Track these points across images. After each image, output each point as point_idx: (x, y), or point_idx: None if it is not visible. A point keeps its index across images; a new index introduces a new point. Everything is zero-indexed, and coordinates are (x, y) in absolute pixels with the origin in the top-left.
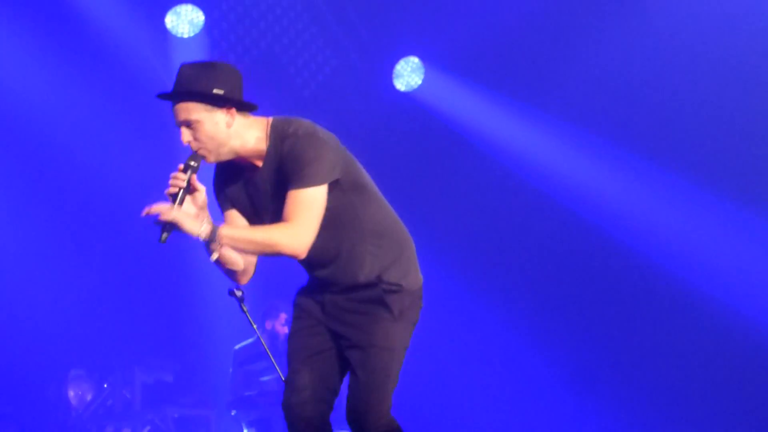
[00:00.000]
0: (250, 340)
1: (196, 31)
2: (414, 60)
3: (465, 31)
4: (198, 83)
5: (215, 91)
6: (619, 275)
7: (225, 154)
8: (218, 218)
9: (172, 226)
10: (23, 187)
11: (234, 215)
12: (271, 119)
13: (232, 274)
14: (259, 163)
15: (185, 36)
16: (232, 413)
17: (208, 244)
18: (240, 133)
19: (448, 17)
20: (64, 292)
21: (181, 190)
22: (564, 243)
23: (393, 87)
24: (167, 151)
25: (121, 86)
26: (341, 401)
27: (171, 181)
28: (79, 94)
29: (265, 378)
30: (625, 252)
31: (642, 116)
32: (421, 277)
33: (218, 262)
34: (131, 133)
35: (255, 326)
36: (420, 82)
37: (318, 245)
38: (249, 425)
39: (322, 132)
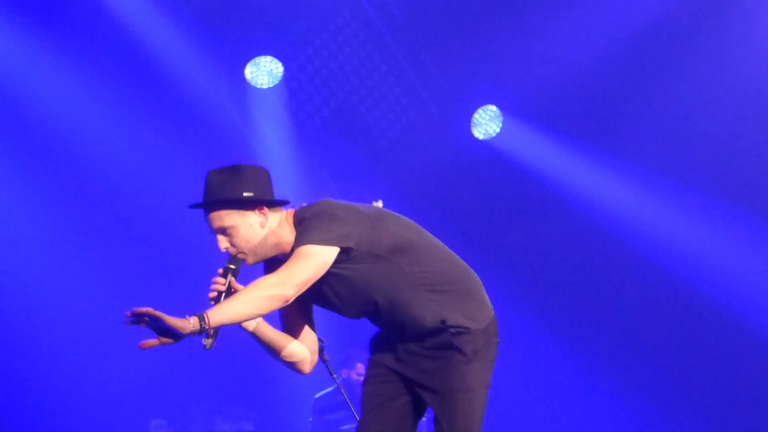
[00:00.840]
0: (329, 389)
1: (276, 82)
2: (492, 108)
3: (542, 78)
4: (227, 189)
5: (245, 194)
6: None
7: (264, 254)
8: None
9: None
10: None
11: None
12: (295, 210)
13: (291, 365)
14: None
15: (264, 87)
16: None
17: (201, 332)
18: (275, 231)
19: (525, 65)
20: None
21: (222, 294)
22: (639, 287)
23: (471, 135)
24: None
25: (201, 137)
26: None
27: (212, 286)
28: (161, 144)
29: (345, 427)
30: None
31: (716, 161)
32: (491, 311)
33: (270, 351)
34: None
35: (335, 375)
36: (498, 130)
37: (373, 310)
38: None
39: (338, 208)
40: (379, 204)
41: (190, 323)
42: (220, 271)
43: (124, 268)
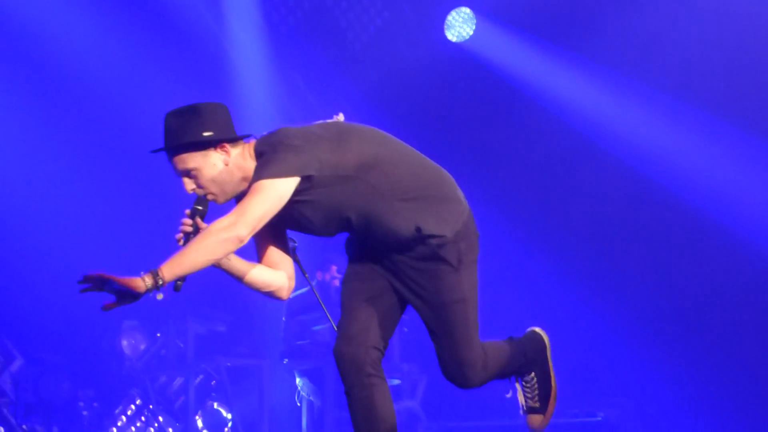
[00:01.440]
0: (303, 290)
1: None
2: (465, 10)
3: None
4: (186, 132)
5: (205, 134)
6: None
7: (232, 191)
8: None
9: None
10: (78, 144)
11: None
12: (256, 141)
13: (269, 294)
14: None
15: None
16: (285, 362)
17: (158, 288)
18: (239, 165)
19: None
20: (116, 242)
21: (189, 236)
22: (609, 188)
23: (444, 38)
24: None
25: (175, 41)
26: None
27: (180, 228)
28: (135, 49)
29: (318, 327)
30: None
31: (692, 64)
32: (467, 207)
33: (245, 283)
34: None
35: (307, 276)
36: (471, 32)
37: (348, 228)
38: (301, 374)
39: (295, 137)
40: (340, 117)
41: (145, 282)
42: (188, 212)
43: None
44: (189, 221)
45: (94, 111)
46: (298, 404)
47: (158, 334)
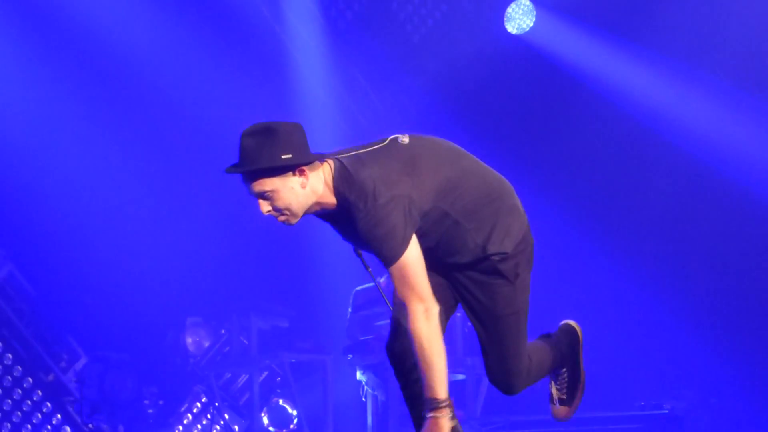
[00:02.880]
0: (369, 284)
1: None
2: (525, 2)
3: None
4: (264, 155)
5: (283, 157)
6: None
7: (305, 211)
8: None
9: None
10: (141, 142)
11: None
12: (333, 164)
13: None
14: (331, 209)
15: None
16: (349, 358)
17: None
18: (315, 189)
19: None
20: (182, 241)
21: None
22: (672, 178)
23: (504, 30)
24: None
25: (234, 38)
26: None
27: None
28: (194, 48)
29: (381, 323)
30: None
31: (752, 52)
32: (525, 217)
33: None
34: (246, 89)
35: (370, 270)
36: (531, 24)
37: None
38: (364, 370)
39: (384, 187)
40: (405, 140)
41: (445, 416)
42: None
43: (162, 173)
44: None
45: (159, 112)
46: (363, 400)
47: (222, 331)
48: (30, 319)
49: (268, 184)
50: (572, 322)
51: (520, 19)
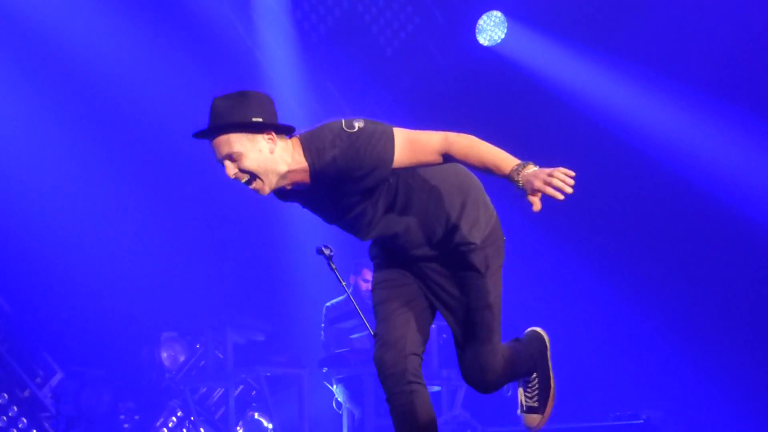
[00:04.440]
0: (340, 298)
1: None
2: (496, 14)
3: None
4: (235, 114)
5: (254, 119)
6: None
7: (276, 181)
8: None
9: None
10: (116, 159)
11: None
12: (299, 138)
13: None
14: (307, 179)
15: None
16: (324, 371)
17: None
18: (284, 158)
19: None
20: (155, 256)
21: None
22: (644, 187)
23: (476, 42)
24: None
25: (205, 50)
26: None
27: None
28: (165, 58)
29: (355, 336)
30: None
31: (723, 61)
32: (492, 211)
33: None
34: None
35: (344, 283)
36: (503, 36)
37: (382, 226)
38: (338, 382)
39: (353, 120)
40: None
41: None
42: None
43: (134, 183)
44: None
45: (130, 129)
46: (339, 412)
47: (198, 345)
48: (5, 335)
49: (235, 142)
50: (539, 329)
51: (491, 30)
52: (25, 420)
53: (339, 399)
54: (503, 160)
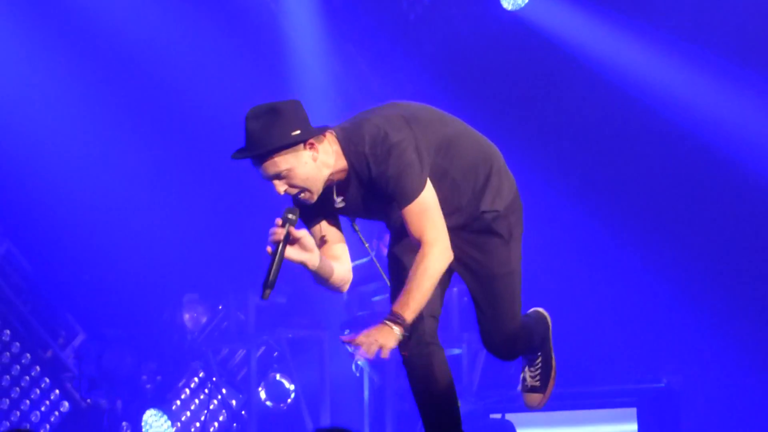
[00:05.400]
0: (363, 261)
1: None
2: None
3: None
4: (274, 135)
5: (293, 134)
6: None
7: (321, 186)
8: None
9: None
10: (137, 121)
11: (321, 230)
12: (335, 132)
13: (335, 286)
14: (343, 177)
15: None
16: (346, 333)
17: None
18: (325, 160)
19: None
20: (178, 218)
21: (280, 245)
22: (668, 153)
23: (500, 6)
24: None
25: (227, 16)
26: None
27: (271, 237)
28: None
29: (377, 298)
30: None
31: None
32: (512, 179)
33: (320, 279)
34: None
35: (367, 245)
36: (526, 0)
37: None
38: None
39: (392, 130)
40: (400, 103)
41: (395, 332)
42: (278, 220)
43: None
44: (281, 230)
45: (153, 91)
46: (357, 375)
47: (220, 307)
48: (28, 296)
49: (282, 163)
50: (542, 310)
51: None
52: (47, 380)
53: (358, 363)
54: (410, 305)
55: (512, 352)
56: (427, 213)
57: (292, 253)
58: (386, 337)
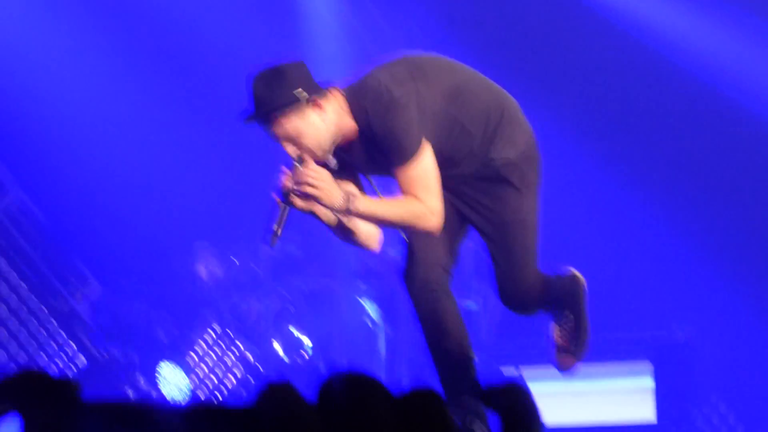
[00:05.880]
0: None
1: None
2: None
3: None
4: (277, 95)
5: (295, 93)
6: None
7: (331, 147)
8: None
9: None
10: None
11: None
12: (341, 91)
13: (366, 244)
14: (353, 135)
15: None
16: (360, 286)
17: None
18: (333, 118)
19: None
20: (191, 166)
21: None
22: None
23: None
24: None
25: None
26: None
27: (278, 185)
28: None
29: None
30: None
31: None
32: (528, 128)
33: (349, 237)
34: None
35: (379, 193)
36: None
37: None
38: (374, 298)
39: (394, 86)
40: (408, 55)
41: (340, 202)
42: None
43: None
44: (287, 177)
45: (164, 37)
46: (371, 326)
47: (232, 257)
48: (42, 247)
49: (288, 123)
50: (576, 272)
51: None
52: (63, 333)
53: (372, 315)
54: (370, 199)
55: (527, 305)
56: (422, 179)
57: (300, 202)
58: (332, 195)
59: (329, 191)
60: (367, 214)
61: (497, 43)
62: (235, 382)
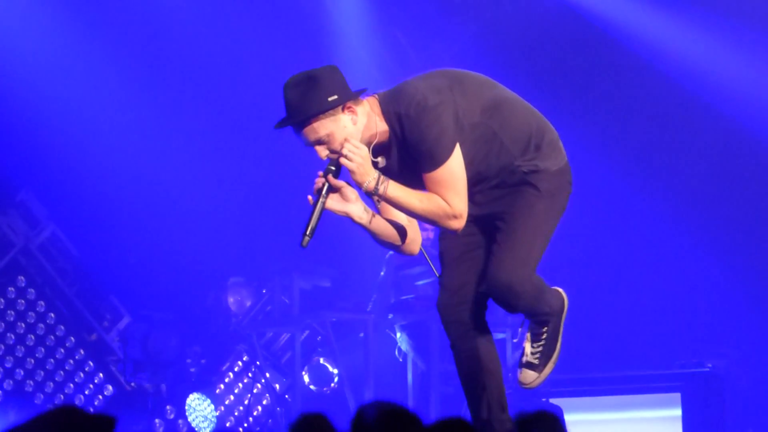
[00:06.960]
0: None
1: None
2: None
3: None
4: (312, 102)
5: (329, 99)
6: None
7: (366, 148)
8: None
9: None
10: (182, 99)
11: None
12: (378, 97)
13: (394, 247)
14: (385, 139)
15: None
16: (389, 317)
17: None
18: (365, 124)
19: None
20: (225, 202)
21: (323, 189)
22: (708, 133)
23: None
24: None
25: None
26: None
27: (315, 187)
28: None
29: (421, 282)
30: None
31: None
32: (564, 157)
33: (383, 241)
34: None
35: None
36: None
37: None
38: (404, 329)
39: (432, 93)
40: (446, 70)
41: (372, 181)
42: (320, 173)
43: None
44: (320, 180)
45: (198, 70)
46: (400, 360)
47: (264, 291)
48: (73, 278)
49: (321, 128)
50: (561, 290)
51: None
52: (91, 363)
53: (402, 347)
54: (400, 187)
55: (513, 302)
56: (450, 183)
57: (333, 204)
58: (366, 173)
59: (364, 168)
60: (396, 199)
61: (530, 76)
62: (262, 412)
